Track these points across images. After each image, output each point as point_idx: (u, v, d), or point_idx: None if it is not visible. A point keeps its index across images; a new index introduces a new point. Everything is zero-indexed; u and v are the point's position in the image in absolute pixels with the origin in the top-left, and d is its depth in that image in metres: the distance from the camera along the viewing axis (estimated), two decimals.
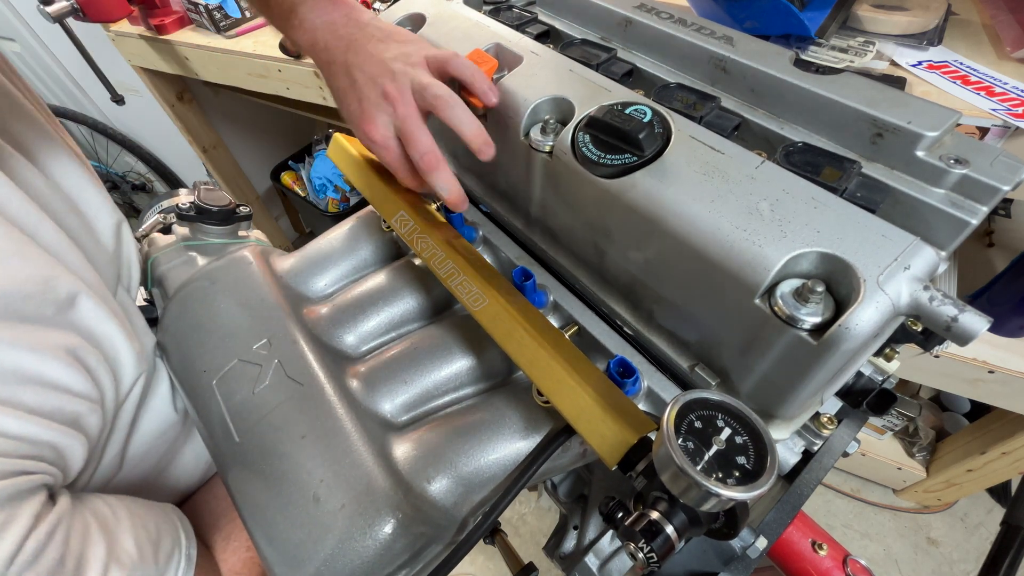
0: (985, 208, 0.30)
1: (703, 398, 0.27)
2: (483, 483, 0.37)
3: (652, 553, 0.27)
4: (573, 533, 0.50)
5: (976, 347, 0.86)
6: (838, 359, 0.27)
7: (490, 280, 0.40)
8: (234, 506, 0.37)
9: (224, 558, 0.45)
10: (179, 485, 0.51)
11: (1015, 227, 1.08)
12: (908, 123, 0.32)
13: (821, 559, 0.47)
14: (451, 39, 0.45)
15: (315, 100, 1.18)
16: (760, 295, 0.28)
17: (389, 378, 0.41)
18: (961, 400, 1.33)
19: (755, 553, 0.41)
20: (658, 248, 0.33)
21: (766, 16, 0.76)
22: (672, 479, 0.26)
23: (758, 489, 0.24)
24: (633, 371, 0.36)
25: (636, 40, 0.45)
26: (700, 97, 0.39)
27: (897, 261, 0.26)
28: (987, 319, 0.24)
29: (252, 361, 0.41)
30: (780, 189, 0.30)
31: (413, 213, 0.45)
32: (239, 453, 0.37)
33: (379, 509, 0.33)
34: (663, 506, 0.28)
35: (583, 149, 0.35)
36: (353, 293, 0.47)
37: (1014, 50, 0.76)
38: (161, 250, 0.51)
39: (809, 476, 0.45)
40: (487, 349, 0.42)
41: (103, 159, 1.81)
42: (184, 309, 0.46)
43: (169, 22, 1.24)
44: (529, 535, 1.34)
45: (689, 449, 0.25)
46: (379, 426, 0.38)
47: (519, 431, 0.38)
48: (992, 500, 1.34)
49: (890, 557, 1.28)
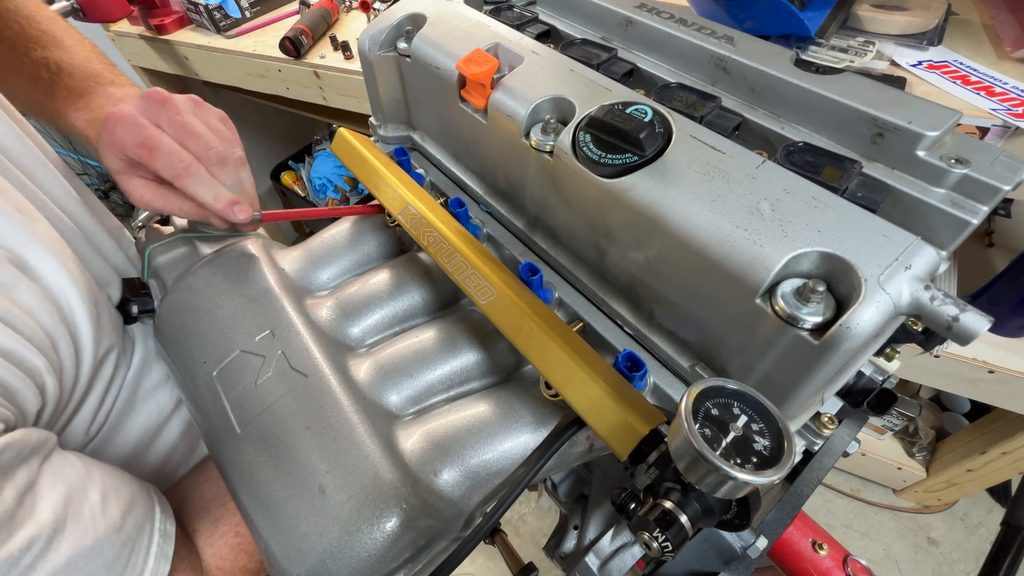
0: (986, 208, 0.30)
1: (719, 386, 0.27)
2: (490, 477, 0.37)
3: (667, 542, 0.27)
4: (573, 533, 0.50)
5: (976, 347, 0.87)
6: (839, 359, 0.27)
7: (498, 274, 0.40)
8: (232, 495, 0.37)
9: (211, 542, 0.44)
10: (167, 466, 0.51)
11: (1015, 227, 1.08)
12: (909, 123, 0.32)
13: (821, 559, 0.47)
14: (451, 39, 0.45)
15: (315, 100, 1.18)
16: (761, 295, 0.28)
17: (395, 371, 0.41)
18: (961, 400, 1.33)
19: (755, 553, 0.41)
20: (659, 248, 0.33)
21: (766, 16, 0.76)
22: (690, 466, 0.26)
23: (778, 474, 0.24)
24: (641, 365, 0.36)
25: (637, 40, 0.45)
26: (701, 97, 0.39)
27: (898, 261, 0.26)
28: (988, 319, 0.24)
29: (255, 352, 0.41)
30: (781, 189, 0.30)
31: (420, 207, 0.45)
32: (241, 444, 0.37)
33: (386, 501, 0.33)
34: (676, 496, 0.28)
35: (584, 149, 0.35)
36: (358, 286, 0.47)
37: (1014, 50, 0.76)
38: (159, 241, 0.51)
39: (809, 476, 0.45)
40: (494, 343, 0.42)
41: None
42: (184, 299, 0.45)
43: (169, 22, 1.24)
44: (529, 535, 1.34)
45: (707, 436, 0.25)
46: (385, 418, 0.38)
47: (527, 424, 0.38)
48: (992, 500, 1.35)
49: (890, 557, 1.28)
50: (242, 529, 0.45)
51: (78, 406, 0.41)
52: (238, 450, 0.37)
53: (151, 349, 0.50)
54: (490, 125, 0.42)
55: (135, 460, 0.48)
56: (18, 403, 0.33)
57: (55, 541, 0.30)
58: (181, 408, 0.52)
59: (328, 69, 1.09)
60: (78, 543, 0.31)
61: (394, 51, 0.50)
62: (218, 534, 0.45)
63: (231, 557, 0.44)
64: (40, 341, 0.35)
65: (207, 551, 0.44)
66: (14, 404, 0.32)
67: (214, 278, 0.46)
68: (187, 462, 0.54)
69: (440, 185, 0.53)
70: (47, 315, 0.36)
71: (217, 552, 0.44)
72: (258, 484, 0.35)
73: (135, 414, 0.48)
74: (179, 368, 0.44)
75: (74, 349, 0.39)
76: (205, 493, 0.48)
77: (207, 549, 0.44)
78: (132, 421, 0.47)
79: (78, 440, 0.42)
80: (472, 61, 0.40)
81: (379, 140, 0.58)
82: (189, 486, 0.50)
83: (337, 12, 1.22)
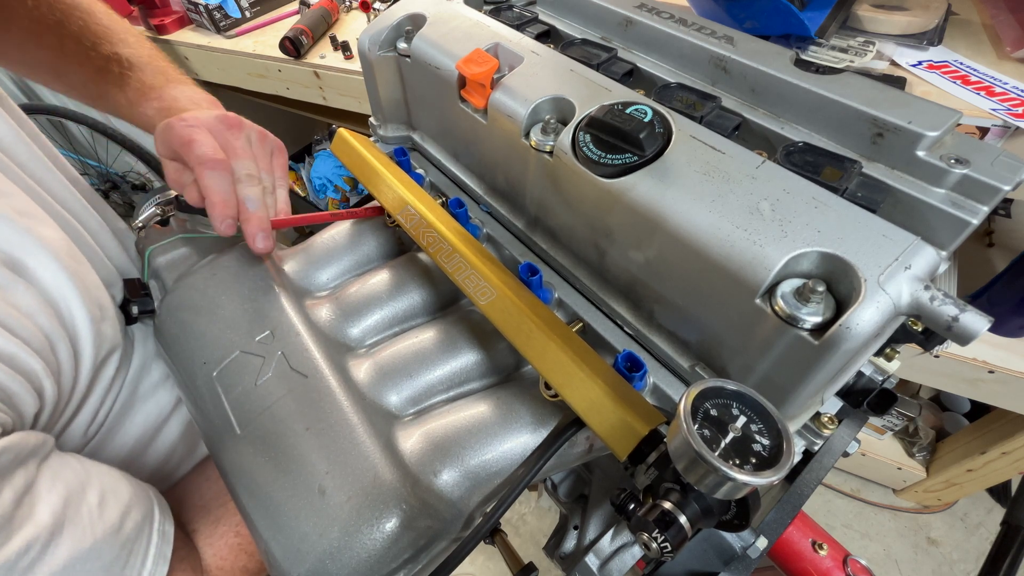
0: (986, 208, 0.30)
1: (718, 386, 0.27)
2: (489, 477, 0.37)
3: (666, 543, 0.27)
4: (573, 533, 0.50)
5: (976, 347, 0.87)
6: (839, 359, 0.27)
7: (497, 274, 0.40)
8: (232, 496, 0.37)
9: (211, 542, 0.44)
10: (166, 466, 0.51)
11: (1015, 227, 1.08)
12: (909, 123, 0.32)
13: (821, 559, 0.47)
14: (451, 39, 0.45)
15: (315, 100, 1.18)
16: (761, 295, 0.28)
17: (395, 372, 0.41)
18: (961, 400, 1.33)
19: (755, 553, 0.41)
20: (659, 248, 0.33)
21: (766, 16, 0.76)
22: (689, 467, 0.26)
23: (777, 474, 0.24)
24: (641, 365, 0.36)
25: (636, 40, 0.45)
26: (700, 97, 0.39)
27: (898, 261, 0.26)
28: (988, 319, 0.24)
29: (254, 353, 0.41)
30: (781, 189, 0.30)
31: (419, 207, 0.45)
32: (241, 445, 0.37)
33: (386, 502, 0.33)
34: (675, 497, 0.28)
35: (584, 149, 0.35)
36: (357, 287, 0.47)
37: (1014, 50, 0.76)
38: (159, 241, 0.51)
39: (809, 476, 0.45)
40: (493, 344, 0.42)
41: (103, 159, 1.81)
42: (184, 300, 0.45)
43: (169, 22, 1.24)
44: (529, 535, 1.34)
45: (706, 436, 0.25)
46: (385, 419, 0.38)
47: (527, 425, 0.38)
48: (992, 500, 1.35)
49: (890, 557, 1.28)
50: (242, 529, 0.45)
51: (78, 408, 0.41)
52: (238, 451, 0.37)
53: (150, 349, 0.50)
54: (490, 125, 0.42)
55: (134, 460, 0.48)
56: (16, 406, 0.33)
57: (53, 544, 0.30)
58: (180, 408, 0.52)
59: (328, 69, 1.09)
60: (76, 545, 0.31)
61: (394, 51, 0.50)
62: (218, 534, 0.45)
63: (231, 557, 0.44)
64: (38, 344, 0.35)
65: (207, 551, 0.44)
66: (11, 407, 0.32)
67: (214, 279, 0.46)
68: (187, 462, 0.54)
69: (440, 185, 0.53)
70: (45, 318, 0.36)
71: (217, 552, 0.44)
72: (258, 485, 0.35)
73: (134, 414, 0.48)
74: (179, 369, 0.44)
75: (73, 352, 0.39)
76: (205, 493, 0.48)
77: (207, 549, 0.44)
78: (131, 421, 0.47)
79: (77, 441, 0.42)
80: (472, 61, 0.40)
81: (379, 140, 0.58)
82: (189, 486, 0.50)
83: (337, 12, 1.22)
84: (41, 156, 0.46)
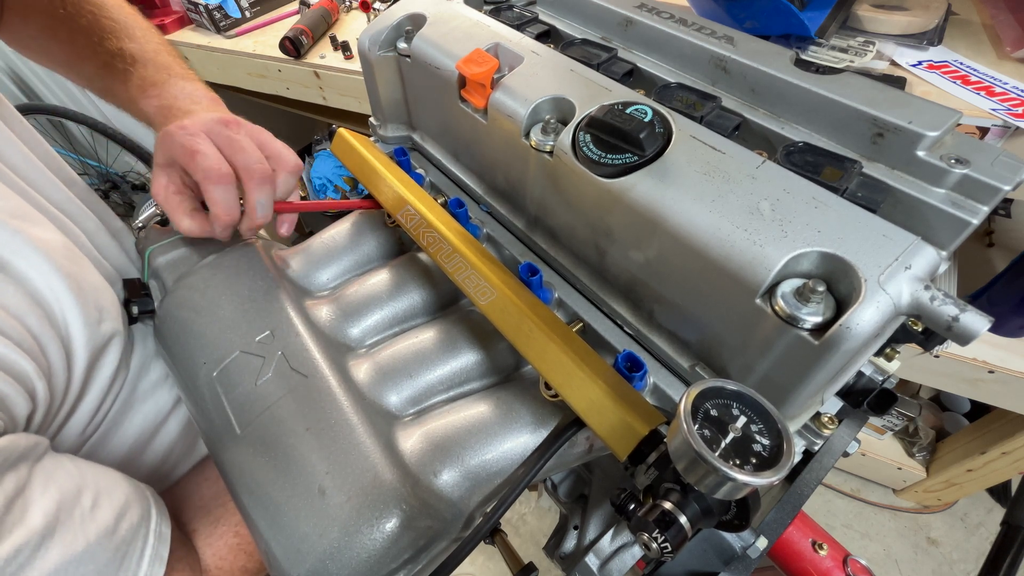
0: (986, 208, 0.30)
1: (718, 387, 0.27)
2: (489, 477, 0.37)
3: (667, 543, 0.27)
4: (573, 533, 0.50)
5: (976, 347, 0.86)
6: (839, 359, 0.27)
7: (497, 274, 0.40)
8: (232, 496, 0.37)
9: (211, 542, 0.44)
10: (164, 465, 0.51)
11: (1015, 227, 1.08)
12: (909, 123, 0.32)
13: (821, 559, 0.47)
14: (451, 39, 0.45)
15: (315, 100, 1.18)
16: (761, 295, 0.28)
17: (395, 372, 0.41)
18: (961, 400, 1.33)
19: (755, 553, 0.41)
20: (659, 248, 0.33)
21: (766, 16, 0.76)
22: (689, 467, 0.26)
23: (777, 475, 0.24)
24: (641, 365, 0.36)
25: (637, 40, 0.45)
26: (701, 97, 0.39)
27: (898, 261, 0.26)
28: (988, 319, 0.24)
29: (255, 353, 0.41)
30: (781, 189, 0.30)
31: (419, 207, 0.45)
32: (241, 445, 0.37)
33: (386, 502, 0.33)
34: (675, 497, 0.28)
35: (584, 149, 0.35)
36: (357, 287, 0.47)
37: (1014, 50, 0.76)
38: (159, 241, 0.51)
39: (809, 476, 0.45)
40: (493, 344, 0.42)
41: (103, 159, 1.81)
42: (184, 300, 0.45)
43: (169, 22, 1.24)
44: (529, 535, 1.34)
45: (706, 436, 0.25)
46: (385, 419, 0.38)
47: (527, 425, 0.38)
48: (992, 500, 1.34)
49: (890, 557, 1.28)
50: (242, 529, 0.45)
51: (73, 408, 0.41)
52: (238, 451, 0.37)
53: (150, 349, 0.50)
54: (490, 125, 0.42)
55: (132, 460, 0.48)
56: (7, 408, 0.33)
57: (43, 547, 0.30)
58: (179, 408, 0.52)
59: (328, 69, 1.09)
60: (68, 549, 0.31)
61: (394, 51, 0.50)
62: (217, 534, 0.45)
63: (230, 557, 0.44)
64: (28, 345, 0.35)
65: (206, 551, 0.44)
66: (3, 409, 0.32)
67: (214, 279, 0.46)
68: (185, 462, 0.54)
69: (440, 185, 0.53)
70: (35, 318, 0.36)
71: (216, 552, 0.44)
72: (258, 485, 0.35)
73: (133, 414, 0.48)
74: (179, 369, 0.43)
75: (65, 353, 0.39)
76: (204, 493, 0.48)
77: (206, 549, 0.44)
78: (130, 421, 0.47)
79: (74, 440, 0.42)
80: (472, 61, 0.40)
81: (379, 140, 0.58)
82: (188, 486, 0.50)
83: (337, 12, 1.22)
84: (34, 158, 0.46)
